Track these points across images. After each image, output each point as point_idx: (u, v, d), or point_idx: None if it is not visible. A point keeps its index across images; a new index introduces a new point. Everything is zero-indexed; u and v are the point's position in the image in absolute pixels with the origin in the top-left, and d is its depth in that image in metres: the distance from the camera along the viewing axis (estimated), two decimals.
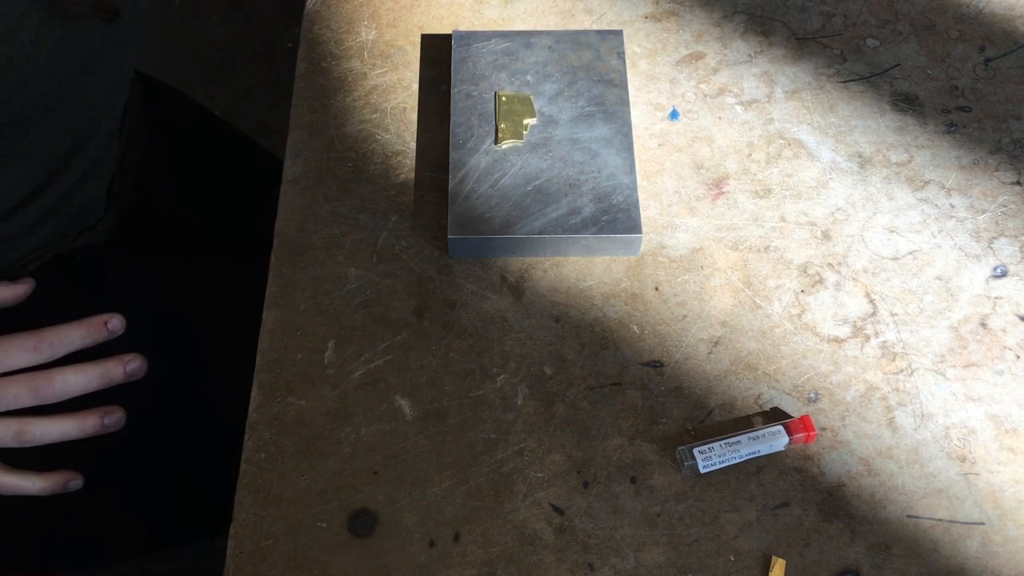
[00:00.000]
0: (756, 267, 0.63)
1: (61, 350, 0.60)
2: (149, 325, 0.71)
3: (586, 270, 0.63)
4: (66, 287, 0.70)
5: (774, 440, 0.56)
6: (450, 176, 0.64)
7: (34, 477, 0.62)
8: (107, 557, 0.74)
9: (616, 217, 0.62)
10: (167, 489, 0.73)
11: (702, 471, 0.56)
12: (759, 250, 0.64)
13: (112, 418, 0.63)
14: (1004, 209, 0.65)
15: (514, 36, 0.70)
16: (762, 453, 0.56)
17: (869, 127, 0.68)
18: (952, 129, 0.68)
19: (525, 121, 0.66)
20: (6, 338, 0.60)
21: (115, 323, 0.62)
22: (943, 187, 0.66)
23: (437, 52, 0.71)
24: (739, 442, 0.56)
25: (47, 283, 0.68)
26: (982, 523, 0.55)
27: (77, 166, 0.67)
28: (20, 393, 0.59)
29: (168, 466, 0.72)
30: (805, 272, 0.63)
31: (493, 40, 0.69)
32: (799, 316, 0.61)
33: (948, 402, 0.59)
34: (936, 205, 0.65)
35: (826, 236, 0.64)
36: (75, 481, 0.64)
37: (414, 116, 0.68)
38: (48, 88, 0.59)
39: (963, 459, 0.57)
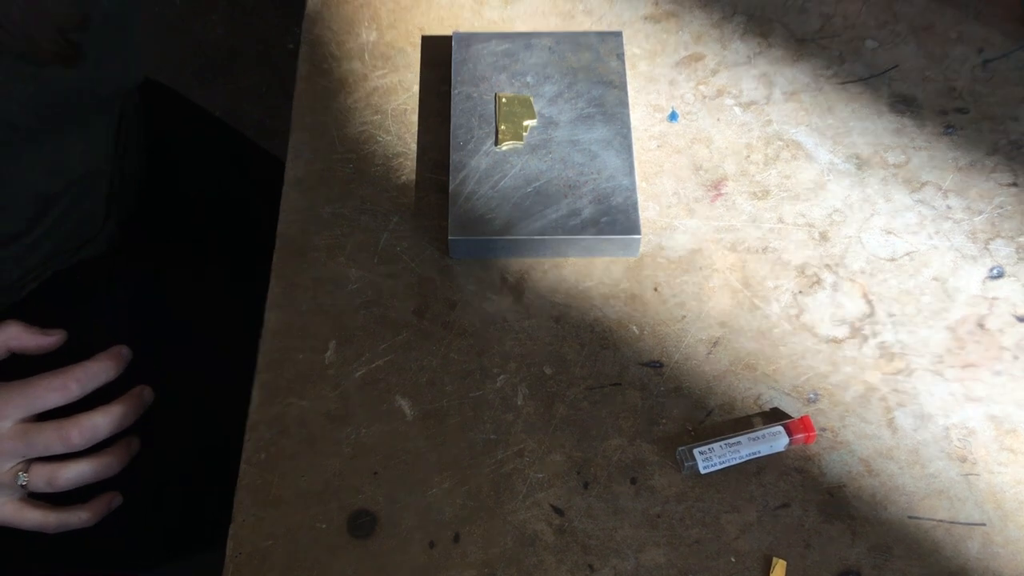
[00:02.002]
0: (754, 268, 0.63)
1: (90, 386, 0.60)
2: (151, 334, 0.71)
3: (586, 271, 0.63)
4: (67, 303, 0.70)
5: (774, 441, 0.57)
6: (451, 177, 0.64)
7: (79, 510, 0.63)
8: (109, 565, 0.74)
9: (615, 218, 0.62)
10: (168, 501, 0.73)
11: (702, 472, 0.56)
12: (757, 251, 0.64)
13: (135, 447, 0.64)
14: (1001, 210, 0.65)
15: (514, 37, 0.70)
16: (762, 454, 0.57)
17: (867, 128, 0.68)
18: (950, 131, 0.68)
19: (525, 122, 0.66)
20: (35, 380, 0.59)
21: (126, 351, 0.63)
22: (940, 188, 0.66)
23: (437, 53, 0.71)
24: (739, 443, 0.56)
25: (48, 301, 0.68)
26: (983, 524, 0.56)
27: (67, 196, 0.67)
28: (50, 442, 0.59)
29: (169, 477, 0.72)
30: (803, 273, 0.63)
31: (493, 41, 0.70)
32: (797, 317, 0.62)
33: (947, 402, 0.59)
34: (933, 206, 0.65)
35: (824, 237, 0.64)
36: (116, 500, 0.65)
37: (415, 118, 0.69)
38: (24, 132, 0.59)
39: (963, 460, 0.57)
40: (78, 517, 0.63)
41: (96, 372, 0.60)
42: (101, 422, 0.60)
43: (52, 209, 0.65)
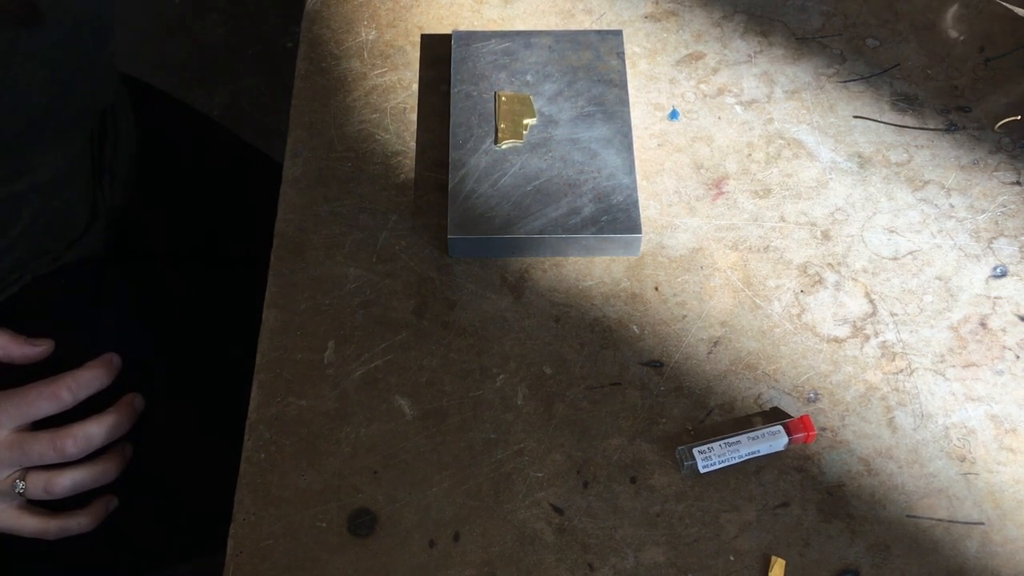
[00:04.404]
0: (756, 267, 0.63)
1: (82, 395, 0.61)
2: (146, 336, 0.70)
3: (586, 270, 0.63)
4: (52, 308, 0.69)
5: (774, 440, 0.56)
6: (450, 176, 0.64)
7: (77, 515, 0.63)
8: (110, 569, 0.74)
9: (616, 217, 0.62)
10: (168, 503, 0.73)
11: (702, 471, 0.56)
12: (759, 250, 0.64)
13: (128, 453, 0.65)
14: (1004, 209, 0.65)
15: (514, 36, 0.70)
16: (762, 453, 0.56)
17: (869, 127, 0.68)
18: (952, 129, 0.68)
19: (525, 121, 0.66)
20: (26, 389, 0.59)
21: (117, 359, 0.63)
22: (943, 187, 0.66)
23: (437, 52, 0.71)
24: (739, 442, 0.56)
25: (31, 306, 0.68)
26: (982, 523, 0.55)
27: (37, 198, 0.65)
28: (45, 452, 0.59)
29: (169, 480, 0.72)
30: (805, 272, 0.63)
31: (493, 40, 0.69)
32: (799, 316, 0.61)
33: (948, 402, 0.59)
34: (936, 205, 0.65)
35: (826, 236, 0.64)
36: (112, 502, 0.65)
37: (414, 116, 0.68)
38: None
39: (963, 459, 0.57)
40: (77, 522, 0.63)
41: (88, 380, 0.61)
42: (95, 432, 0.60)
43: (21, 212, 0.65)
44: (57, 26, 0.59)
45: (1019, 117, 0.62)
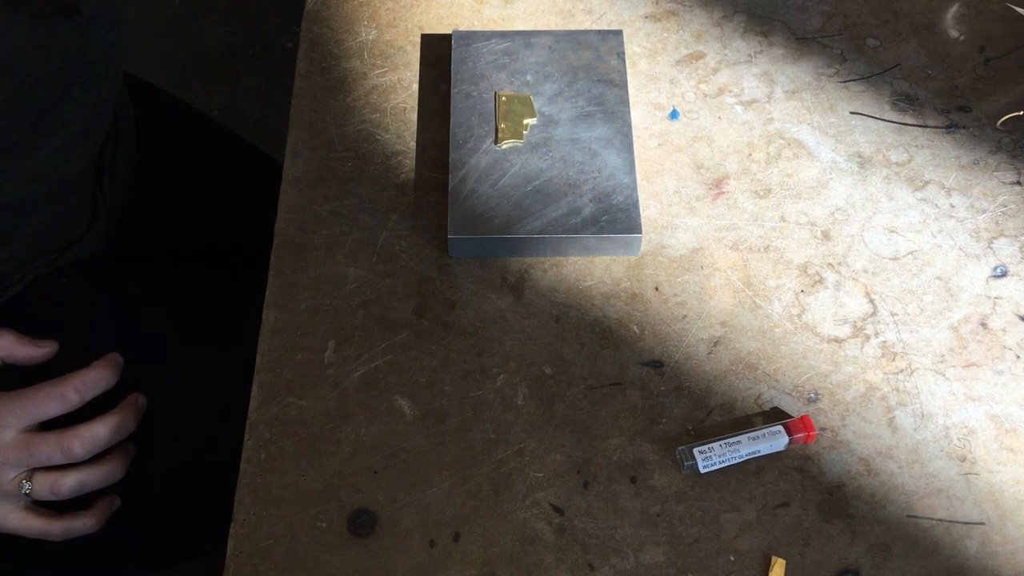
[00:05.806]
0: (756, 267, 0.63)
1: (89, 395, 0.61)
2: (145, 336, 0.71)
3: (586, 270, 0.63)
4: (53, 307, 0.69)
5: (774, 440, 0.56)
6: (450, 176, 0.64)
7: (82, 516, 0.63)
8: (112, 569, 0.74)
9: (616, 217, 0.62)
10: (169, 503, 0.73)
11: (702, 471, 0.56)
12: (759, 250, 0.64)
13: (132, 453, 0.65)
14: (1004, 209, 0.65)
15: (514, 36, 0.70)
16: (762, 453, 0.56)
17: (869, 127, 0.68)
18: (952, 129, 0.68)
19: (525, 121, 0.66)
20: (33, 390, 0.60)
21: (120, 359, 0.63)
22: (943, 187, 0.66)
23: (437, 52, 0.71)
24: (739, 442, 0.56)
25: (33, 305, 0.68)
26: (982, 523, 0.55)
27: (48, 200, 0.65)
28: (51, 453, 0.60)
29: (170, 480, 0.72)
30: (805, 272, 0.63)
31: (493, 40, 0.69)
32: (799, 316, 0.61)
33: (948, 402, 0.59)
34: (936, 205, 0.65)
35: (826, 236, 0.64)
36: (116, 502, 0.65)
37: (414, 116, 0.68)
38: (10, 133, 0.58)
39: (963, 459, 0.57)
40: (83, 523, 0.63)
41: (94, 380, 0.61)
42: (101, 432, 0.61)
43: (31, 216, 0.65)
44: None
45: (1021, 113, 0.62)
